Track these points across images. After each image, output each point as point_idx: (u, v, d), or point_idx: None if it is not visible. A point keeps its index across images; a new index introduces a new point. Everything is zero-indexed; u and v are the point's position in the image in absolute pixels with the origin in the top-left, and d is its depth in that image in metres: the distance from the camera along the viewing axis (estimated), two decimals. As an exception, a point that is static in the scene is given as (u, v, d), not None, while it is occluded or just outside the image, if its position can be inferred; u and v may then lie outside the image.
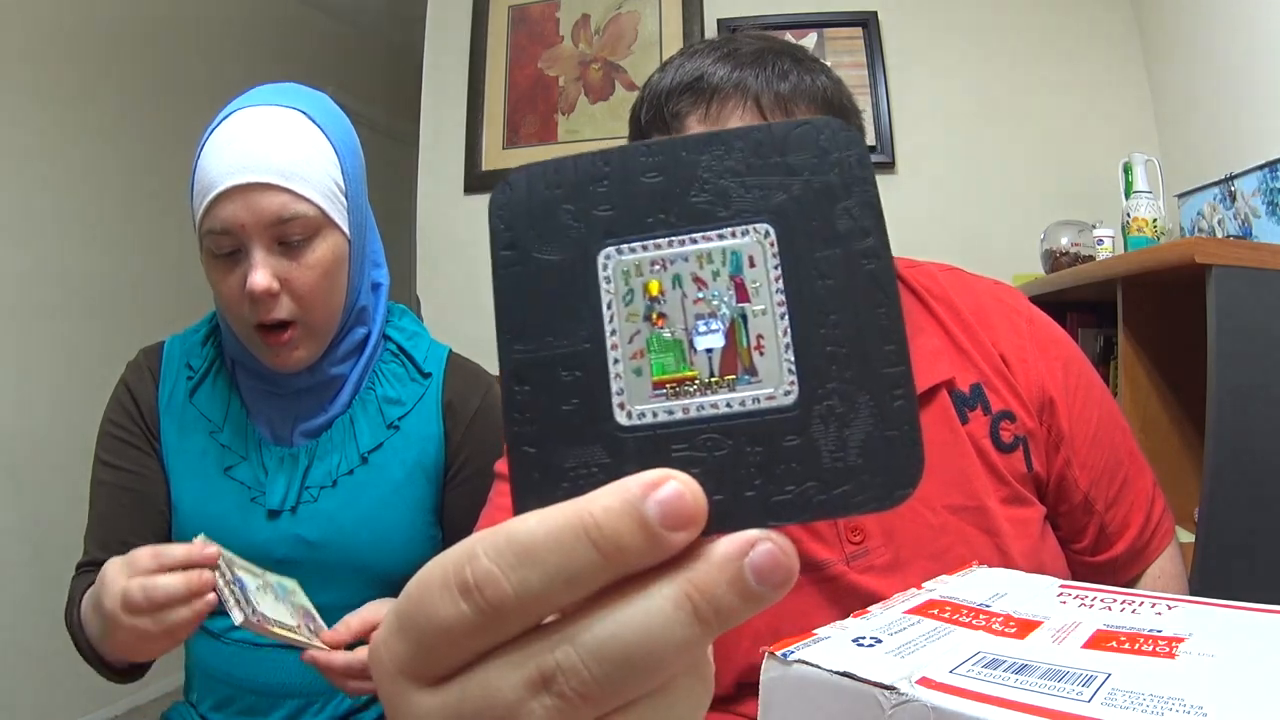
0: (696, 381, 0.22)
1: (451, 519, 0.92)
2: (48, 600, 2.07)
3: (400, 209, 2.48)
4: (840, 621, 0.42)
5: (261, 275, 0.79)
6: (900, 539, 0.65)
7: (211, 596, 0.67)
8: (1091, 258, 1.74)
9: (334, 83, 2.79)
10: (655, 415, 0.22)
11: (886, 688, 0.33)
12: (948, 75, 2.11)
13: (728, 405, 0.21)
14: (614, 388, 0.22)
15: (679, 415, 0.21)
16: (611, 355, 0.22)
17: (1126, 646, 0.38)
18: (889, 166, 2.07)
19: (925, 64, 2.12)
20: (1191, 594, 0.46)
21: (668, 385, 0.22)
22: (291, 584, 0.81)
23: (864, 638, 0.39)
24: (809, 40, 2.15)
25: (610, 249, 0.22)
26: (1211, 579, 0.98)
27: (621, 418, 0.22)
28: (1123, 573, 0.72)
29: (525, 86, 2.26)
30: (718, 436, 0.21)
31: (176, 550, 0.69)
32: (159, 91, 2.69)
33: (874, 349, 0.21)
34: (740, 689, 0.63)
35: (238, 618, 0.66)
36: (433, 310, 2.17)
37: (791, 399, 0.21)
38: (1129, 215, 1.70)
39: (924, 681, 0.34)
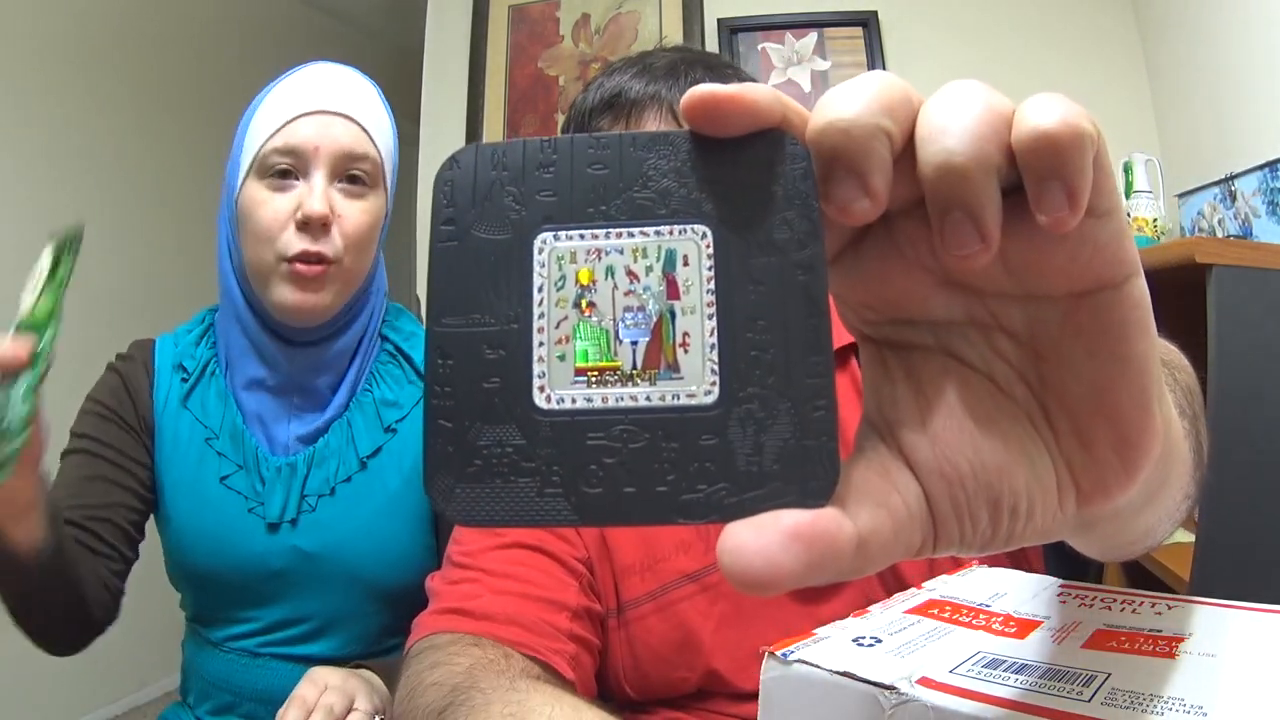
0: (619, 372, 0.22)
1: (444, 523, 0.90)
2: (48, 600, 2.07)
3: (400, 209, 2.47)
4: (840, 621, 0.42)
5: (321, 200, 0.79)
6: None
7: None
8: (1091, 258, 1.74)
9: (334, 83, 2.78)
10: (574, 401, 0.22)
11: (886, 687, 0.33)
12: (948, 75, 2.07)
13: (647, 399, 0.21)
14: (536, 370, 0.22)
15: (598, 404, 0.22)
16: (537, 338, 0.22)
17: (1126, 646, 0.38)
18: (889, 166, 2.07)
19: (925, 64, 2.12)
20: (1191, 594, 0.46)
21: (590, 373, 0.22)
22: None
23: (864, 637, 0.39)
24: (809, 40, 2.15)
25: (547, 234, 0.22)
26: (1211, 579, 0.98)
27: (540, 400, 0.22)
28: None
29: (525, 86, 2.26)
30: (634, 429, 0.21)
31: None
32: (157, 91, 2.69)
33: (799, 359, 0.21)
34: (703, 691, 0.65)
35: None
36: (433, 310, 2.17)
37: (712, 399, 0.21)
38: (1129, 215, 1.70)
39: (924, 681, 0.34)
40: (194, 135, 2.74)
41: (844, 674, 0.35)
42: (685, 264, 0.22)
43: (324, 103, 0.81)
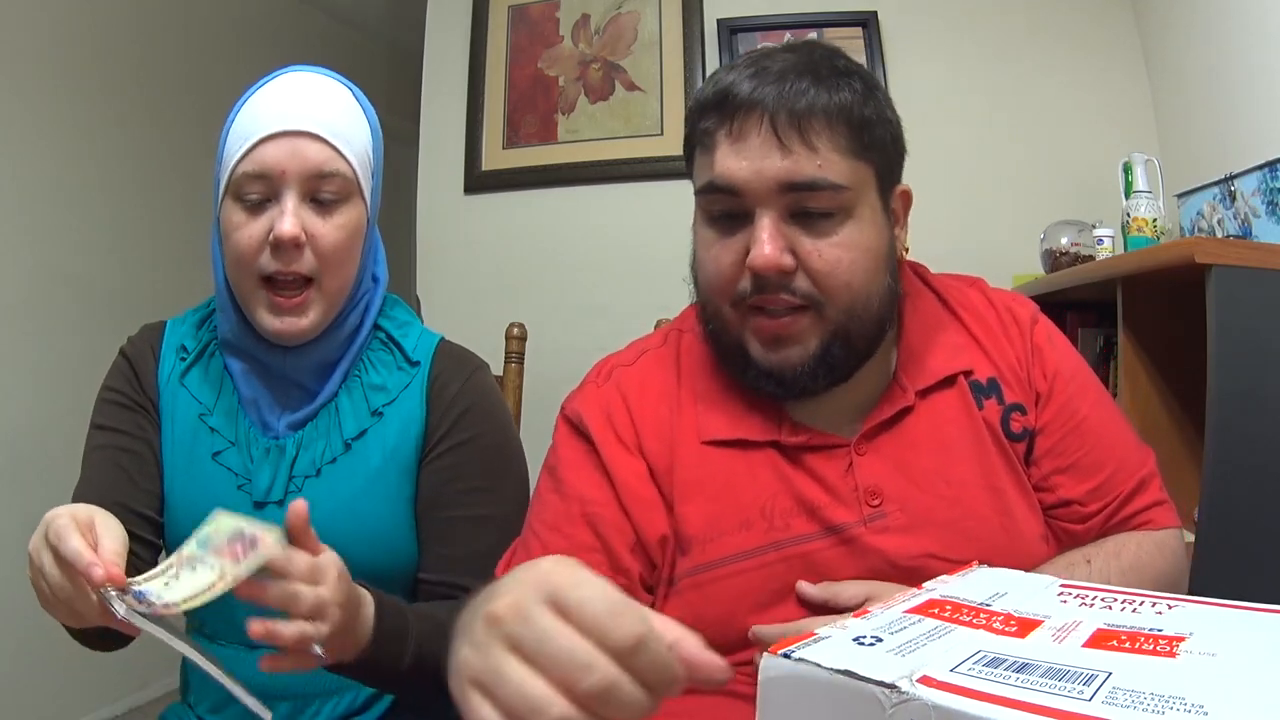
0: None
1: (422, 495, 0.90)
2: (48, 600, 2.07)
3: (400, 209, 2.48)
4: (841, 620, 0.42)
5: (291, 223, 0.80)
6: (914, 506, 0.70)
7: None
8: (1091, 258, 1.74)
9: (334, 83, 2.78)
10: None
11: (887, 686, 0.33)
12: (947, 75, 2.10)
13: None
14: None
15: None
16: None
17: (1127, 645, 0.38)
18: (889, 166, 2.07)
19: (925, 64, 2.12)
20: (1191, 594, 0.46)
21: None
22: (214, 526, 0.65)
23: (864, 636, 0.39)
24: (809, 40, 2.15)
25: None
26: (1211, 579, 0.98)
27: None
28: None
29: (525, 86, 2.26)
30: None
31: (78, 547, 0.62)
32: (157, 91, 2.69)
33: None
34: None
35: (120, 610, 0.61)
36: (433, 310, 2.17)
37: None
38: (1129, 215, 1.70)
39: (925, 680, 0.33)
40: (194, 135, 2.73)
41: (844, 673, 0.35)
42: None
43: (290, 122, 0.81)
